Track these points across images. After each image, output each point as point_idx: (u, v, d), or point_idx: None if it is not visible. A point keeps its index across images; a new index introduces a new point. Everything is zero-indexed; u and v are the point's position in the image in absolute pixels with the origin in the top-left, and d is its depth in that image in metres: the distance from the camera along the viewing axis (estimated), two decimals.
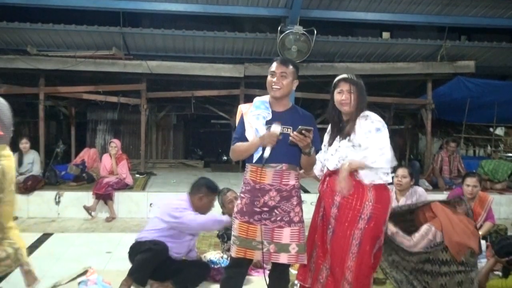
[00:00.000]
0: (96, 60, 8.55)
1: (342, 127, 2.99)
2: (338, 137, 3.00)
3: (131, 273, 3.61)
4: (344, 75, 2.99)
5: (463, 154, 11.54)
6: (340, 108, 2.97)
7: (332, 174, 2.98)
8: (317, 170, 3.16)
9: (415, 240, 3.66)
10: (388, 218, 2.98)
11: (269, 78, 2.92)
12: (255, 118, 2.92)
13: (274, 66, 2.91)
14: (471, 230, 3.63)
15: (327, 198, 2.96)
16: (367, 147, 2.81)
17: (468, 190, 4.92)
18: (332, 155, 2.99)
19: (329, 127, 3.14)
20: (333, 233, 2.89)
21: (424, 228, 3.67)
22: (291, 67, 2.91)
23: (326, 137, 3.15)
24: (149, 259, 3.60)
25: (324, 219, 3.00)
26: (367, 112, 2.93)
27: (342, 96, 2.94)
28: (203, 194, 3.88)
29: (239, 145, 2.94)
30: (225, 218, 3.82)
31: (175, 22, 9.49)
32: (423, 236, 3.65)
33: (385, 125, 2.89)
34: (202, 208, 3.88)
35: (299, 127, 2.67)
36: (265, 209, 2.87)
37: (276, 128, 2.77)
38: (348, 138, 2.91)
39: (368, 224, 2.82)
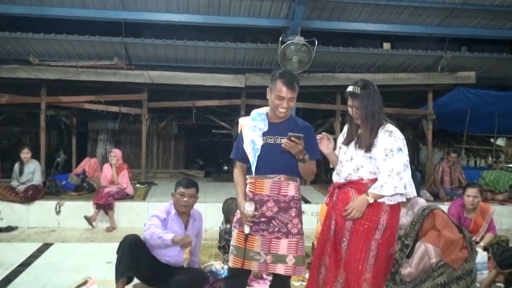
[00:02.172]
0: (98, 70, 8.57)
1: (359, 136, 2.95)
2: (354, 144, 2.95)
3: (116, 270, 3.67)
4: (349, 88, 2.93)
5: (464, 164, 11.52)
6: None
7: (343, 186, 2.96)
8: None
9: (413, 267, 3.67)
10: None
11: (275, 100, 2.86)
12: (251, 130, 2.93)
13: (283, 91, 2.83)
14: (459, 240, 3.69)
15: (339, 211, 2.92)
16: (385, 172, 2.79)
17: (469, 201, 4.91)
18: (347, 161, 2.95)
19: (346, 128, 3.10)
20: (348, 246, 2.86)
21: (420, 251, 3.68)
22: (297, 88, 2.88)
23: (341, 139, 3.11)
24: (124, 249, 3.70)
25: (336, 233, 2.96)
26: (392, 127, 2.87)
27: (350, 111, 2.95)
28: (174, 190, 3.92)
29: (236, 179, 3.03)
30: (173, 238, 3.58)
31: (177, 32, 9.55)
32: (421, 259, 3.66)
33: (405, 143, 2.87)
34: (175, 204, 3.89)
35: (289, 133, 2.69)
36: (263, 219, 2.87)
37: (249, 208, 2.82)
38: (365, 149, 2.87)
39: (384, 234, 2.82)
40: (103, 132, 11.78)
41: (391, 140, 2.82)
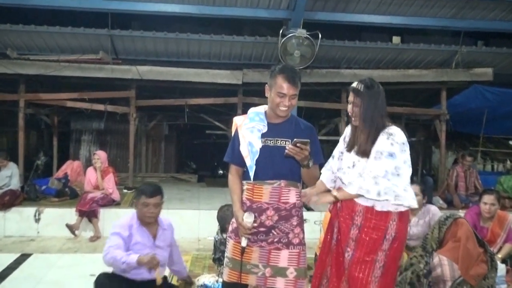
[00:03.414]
0: (82, 65, 8.57)
1: (357, 141, 2.94)
2: (356, 150, 2.96)
3: None
4: (353, 84, 2.94)
5: (480, 169, 11.55)
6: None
7: None
8: (327, 181, 3.10)
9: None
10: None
11: (276, 98, 2.86)
12: (249, 131, 2.93)
13: (284, 87, 2.83)
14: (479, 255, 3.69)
15: (343, 219, 2.92)
16: (365, 172, 2.82)
17: (485, 209, 4.91)
18: (348, 168, 2.95)
19: (347, 131, 3.09)
20: (353, 256, 2.85)
21: (433, 263, 3.70)
22: (299, 84, 2.89)
23: (342, 143, 3.10)
24: None
25: (339, 241, 2.96)
26: (393, 130, 2.85)
27: (349, 108, 2.95)
28: (135, 199, 3.79)
29: (231, 186, 3.02)
30: (138, 259, 3.41)
31: (168, 24, 9.54)
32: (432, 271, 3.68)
33: (405, 149, 2.84)
34: (139, 215, 3.76)
35: (294, 140, 2.69)
36: (262, 229, 2.87)
37: (248, 219, 2.81)
38: (361, 155, 2.88)
39: (392, 245, 2.81)
40: (87, 132, 11.77)
41: (387, 142, 2.81)
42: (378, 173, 2.76)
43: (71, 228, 6.63)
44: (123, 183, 9.10)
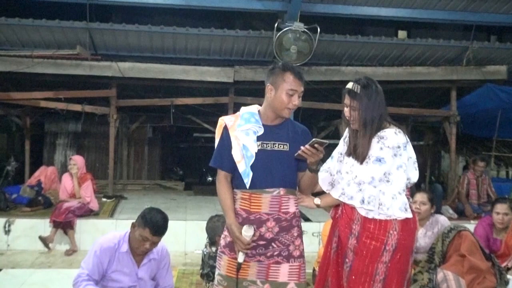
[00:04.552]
0: (57, 61, 8.53)
1: (355, 145, 2.95)
2: (355, 156, 2.96)
3: None
4: (349, 85, 2.96)
5: (493, 175, 11.60)
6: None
7: None
8: (324, 184, 3.09)
9: None
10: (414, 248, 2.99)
11: (285, 97, 2.86)
12: (244, 133, 2.91)
13: (296, 84, 2.87)
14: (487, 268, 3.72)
15: (342, 227, 2.94)
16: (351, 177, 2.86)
17: (498, 219, 4.93)
18: (347, 173, 2.95)
19: (347, 132, 3.09)
20: (351, 268, 2.86)
21: (437, 279, 3.71)
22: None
23: (342, 143, 3.10)
24: None
25: (338, 252, 2.98)
26: (386, 133, 2.85)
27: (345, 112, 2.96)
28: (136, 223, 3.58)
29: (222, 195, 2.95)
30: None
31: (152, 16, 9.56)
32: None
33: (400, 153, 2.83)
34: (132, 241, 3.58)
35: (313, 139, 2.69)
36: (261, 242, 2.85)
37: (248, 233, 2.78)
38: (361, 160, 2.89)
39: (394, 256, 2.80)
40: (62, 135, 11.73)
41: (376, 147, 2.84)
42: (363, 179, 2.80)
43: (44, 240, 6.59)
44: (102, 191, 9.07)
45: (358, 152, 2.90)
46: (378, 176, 2.78)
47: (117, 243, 3.58)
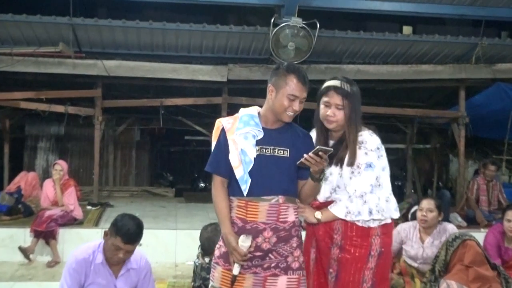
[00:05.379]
0: (38, 59, 8.53)
1: (337, 149, 2.97)
2: (339, 161, 2.99)
3: None
4: (336, 82, 3.02)
5: (505, 180, 11.62)
6: (325, 123, 3.02)
7: (323, 206, 3.02)
8: (323, 191, 3.11)
9: None
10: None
11: (285, 101, 2.86)
12: (242, 137, 2.90)
13: (298, 89, 2.86)
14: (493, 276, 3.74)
15: (322, 238, 3.01)
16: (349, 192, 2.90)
17: (509, 227, 4.93)
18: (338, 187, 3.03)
19: (316, 136, 3.13)
20: (337, 278, 2.92)
21: None
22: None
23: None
24: None
25: (318, 262, 3.04)
26: (364, 137, 2.95)
27: (328, 111, 2.98)
28: (109, 231, 3.56)
29: (217, 202, 2.94)
30: None
31: (140, 11, 9.55)
32: None
33: (381, 154, 2.94)
34: (106, 251, 3.57)
35: (317, 147, 2.70)
36: (258, 253, 2.85)
37: (245, 243, 2.78)
38: (343, 165, 2.94)
39: (378, 261, 2.89)
40: (44, 138, 11.72)
41: (360, 153, 2.90)
42: (364, 189, 2.87)
43: (24, 251, 6.57)
44: (87, 198, 9.06)
45: (343, 157, 2.94)
46: (374, 182, 2.88)
47: (91, 254, 3.57)
